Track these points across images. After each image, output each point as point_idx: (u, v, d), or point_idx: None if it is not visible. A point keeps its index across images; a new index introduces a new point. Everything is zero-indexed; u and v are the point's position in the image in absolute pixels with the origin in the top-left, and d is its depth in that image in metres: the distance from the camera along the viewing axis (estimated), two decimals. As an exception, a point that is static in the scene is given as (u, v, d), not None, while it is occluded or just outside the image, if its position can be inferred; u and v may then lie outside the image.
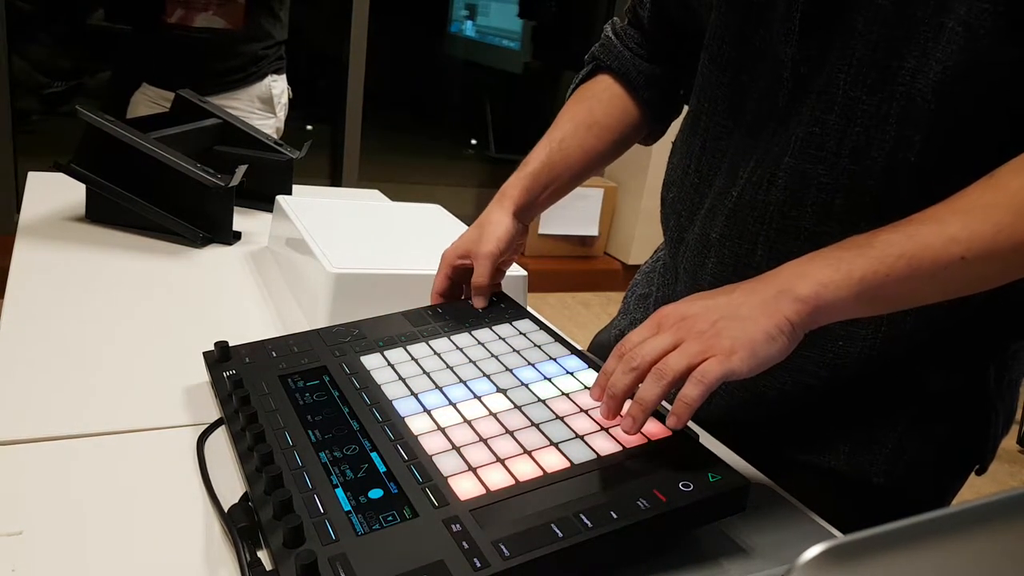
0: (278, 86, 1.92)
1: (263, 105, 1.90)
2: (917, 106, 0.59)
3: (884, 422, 0.70)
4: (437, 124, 4.12)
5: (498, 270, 0.84)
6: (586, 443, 0.57)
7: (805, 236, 0.66)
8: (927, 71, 0.57)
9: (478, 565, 0.45)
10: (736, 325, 0.53)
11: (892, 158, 0.61)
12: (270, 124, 1.90)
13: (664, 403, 0.54)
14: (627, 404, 0.55)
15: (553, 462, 0.55)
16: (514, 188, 0.81)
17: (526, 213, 0.81)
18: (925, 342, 0.67)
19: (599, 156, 0.84)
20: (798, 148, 0.65)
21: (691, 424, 0.70)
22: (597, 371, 0.67)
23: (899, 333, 0.66)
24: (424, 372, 0.67)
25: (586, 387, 0.65)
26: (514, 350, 0.71)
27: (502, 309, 0.79)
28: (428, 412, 0.61)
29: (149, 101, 1.86)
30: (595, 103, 0.84)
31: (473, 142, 4.05)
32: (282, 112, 1.96)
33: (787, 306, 0.53)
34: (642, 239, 3.56)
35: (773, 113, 0.67)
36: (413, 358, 0.69)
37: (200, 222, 1.10)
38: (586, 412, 0.61)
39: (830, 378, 0.70)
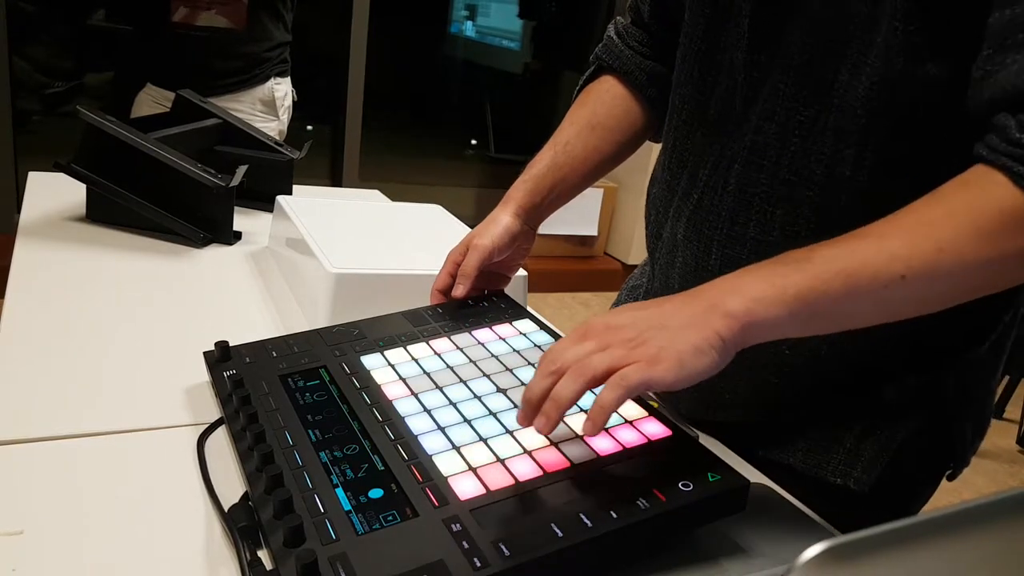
0: (281, 89, 1.92)
1: (265, 107, 1.90)
2: (849, 120, 0.59)
3: (840, 424, 0.70)
4: (437, 124, 4.12)
5: (500, 274, 0.84)
6: (586, 443, 0.57)
7: (751, 245, 0.66)
8: (857, 86, 0.58)
9: (478, 565, 0.45)
10: (664, 335, 0.50)
11: (829, 171, 0.61)
12: (272, 127, 1.90)
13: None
14: None
15: (553, 462, 0.55)
16: (518, 191, 0.81)
17: (531, 215, 0.81)
18: (876, 350, 0.67)
19: (605, 158, 0.83)
20: (745, 155, 0.65)
21: (690, 424, 0.70)
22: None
23: (848, 340, 0.64)
24: (424, 372, 0.67)
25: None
26: (514, 350, 0.71)
27: (502, 309, 0.79)
28: (428, 412, 0.61)
29: (152, 101, 1.86)
30: (598, 105, 0.84)
31: (473, 142, 4.05)
32: (285, 115, 1.96)
33: (717, 321, 0.51)
34: (642, 239, 3.54)
35: (730, 117, 0.67)
36: (413, 358, 0.69)
37: (200, 222, 1.10)
38: (586, 412, 0.61)
39: (783, 381, 0.70)
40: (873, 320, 0.54)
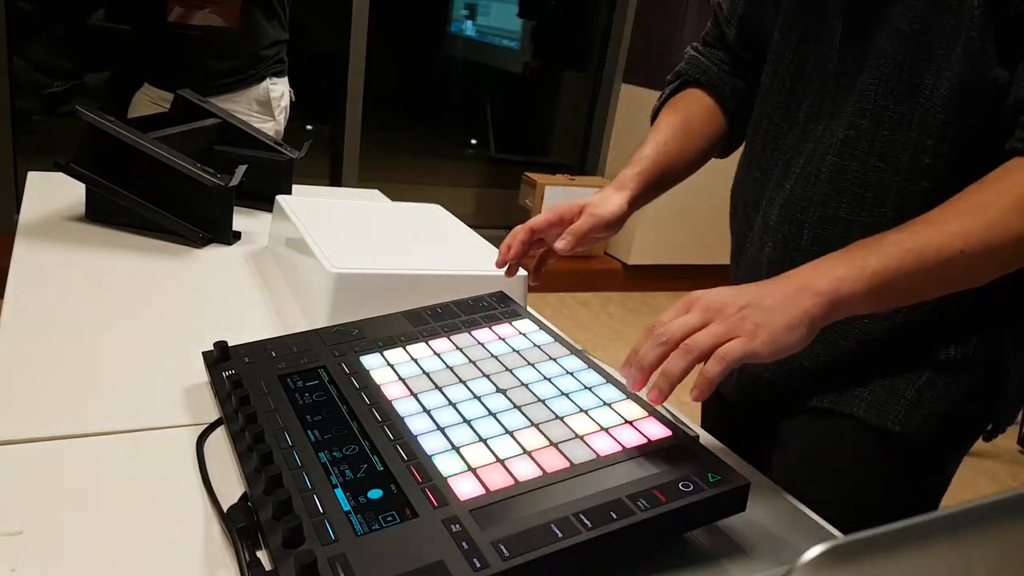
0: (277, 89, 1.92)
1: (261, 108, 1.89)
2: (932, 116, 0.68)
3: (904, 377, 0.76)
4: (437, 124, 4.12)
5: (589, 237, 0.85)
6: (586, 443, 0.57)
7: (841, 224, 0.74)
8: (940, 88, 0.67)
9: (478, 565, 0.45)
10: (761, 313, 0.58)
11: (913, 160, 0.70)
12: (269, 127, 1.89)
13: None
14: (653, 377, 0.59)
15: (553, 462, 0.55)
16: (632, 181, 0.84)
17: (634, 207, 0.84)
18: (944, 313, 0.74)
19: (691, 163, 0.89)
20: (838, 147, 0.74)
21: (691, 424, 0.70)
22: (596, 371, 0.67)
23: (922, 309, 0.72)
24: (424, 372, 0.67)
25: (585, 387, 0.65)
26: (514, 350, 0.71)
27: (502, 309, 0.79)
28: (428, 412, 0.61)
29: (149, 101, 1.86)
30: (690, 113, 0.90)
31: (473, 142, 4.05)
32: (282, 115, 1.95)
33: (807, 300, 0.58)
34: (642, 239, 3.56)
35: (821, 116, 0.76)
36: (413, 358, 0.69)
37: (200, 222, 1.10)
38: (586, 412, 0.61)
39: (860, 348, 0.77)
40: (939, 292, 0.64)
